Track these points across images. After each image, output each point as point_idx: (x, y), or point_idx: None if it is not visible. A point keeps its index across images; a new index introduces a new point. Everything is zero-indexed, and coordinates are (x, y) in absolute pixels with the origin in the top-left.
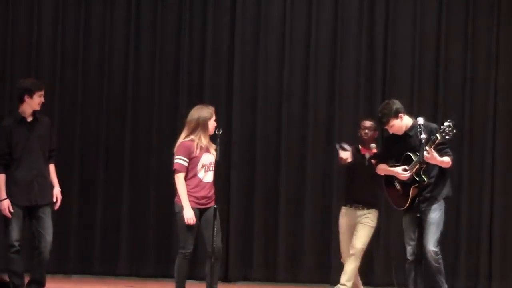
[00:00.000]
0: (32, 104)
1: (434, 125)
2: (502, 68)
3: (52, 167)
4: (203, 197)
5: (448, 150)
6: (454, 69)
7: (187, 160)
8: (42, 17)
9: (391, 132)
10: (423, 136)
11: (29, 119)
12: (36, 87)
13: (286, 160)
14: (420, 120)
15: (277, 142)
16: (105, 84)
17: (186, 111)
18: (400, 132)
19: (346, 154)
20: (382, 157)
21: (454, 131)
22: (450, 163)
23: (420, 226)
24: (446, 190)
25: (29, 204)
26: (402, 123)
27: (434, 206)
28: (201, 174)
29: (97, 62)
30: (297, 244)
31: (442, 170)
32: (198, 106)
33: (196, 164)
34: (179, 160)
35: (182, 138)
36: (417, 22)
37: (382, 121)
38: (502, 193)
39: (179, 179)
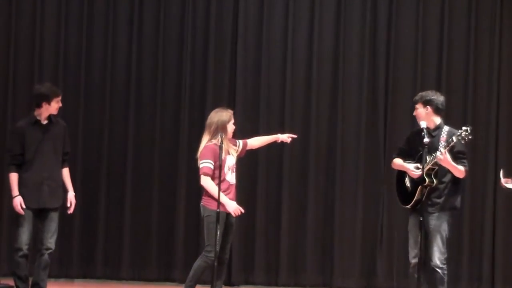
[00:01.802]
0: (50, 109)
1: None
2: (505, 69)
3: (66, 171)
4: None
5: (465, 161)
6: (456, 71)
7: (213, 163)
8: (45, 19)
9: (414, 113)
10: (426, 140)
11: (44, 122)
12: (54, 94)
13: (288, 163)
14: (423, 124)
15: (279, 145)
16: (107, 87)
17: (188, 114)
18: (420, 120)
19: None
20: (401, 152)
21: (470, 137)
22: (464, 173)
23: (424, 230)
24: (456, 201)
25: (37, 206)
26: (424, 115)
27: (439, 214)
28: (228, 177)
29: (99, 62)
30: (299, 248)
31: (455, 179)
32: (217, 109)
33: (223, 167)
34: (207, 164)
35: (205, 142)
36: (419, 25)
37: (414, 100)
38: (504, 197)
39: (208, 181)
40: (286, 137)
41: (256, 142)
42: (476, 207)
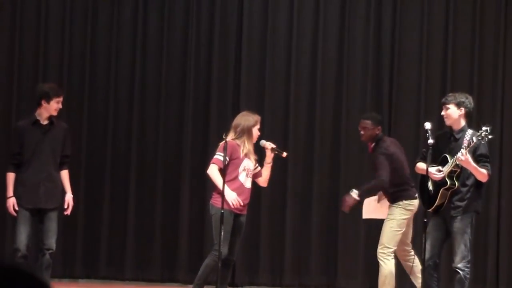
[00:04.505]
0: (49, 109)
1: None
2: (509, 70)
3: (65, 173)
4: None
5: (487, 164)
6: (461, 73)
7: (227, 159)
8: (49, 20)
9: (443, 113)
10: (431, 141)
11: (44, 122)
12: (54, 93)
13: (292, 165)
14: (428, 125)
15: (283, 146)
16: (111, 88)
17: (192, 115)
18: (449, 122)
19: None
20: (424, 157)
21: (490, 136)
22: (487, 177)
23: (445, 234)
24: (478, 205)
25: (33, 206)
26: (457, 116)
27: (462, 217)
28: (242, 178)
29: (104, 62)
30: (304, 248)
31: (478, 183)
32: (244, 113)
33: (238, 166)
34: (219, 156)
35: (229, 139)
36: (424, 26)
37: (446, 99)
38: (509, 197)
39: (212, 169)
40: (266, 145)
41: (263, 177)
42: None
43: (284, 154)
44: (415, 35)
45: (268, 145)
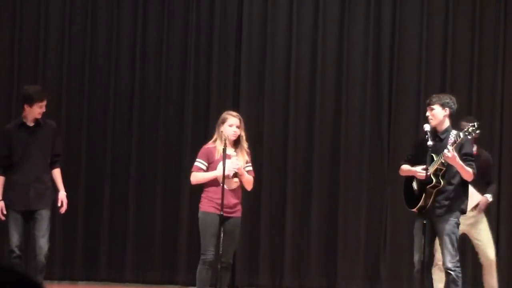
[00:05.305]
0: (33, 112)
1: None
2: (509, 70)
3: (57, 172)
4: (225, 206)
5: (472, 163)
6: (461, 72)
7: (206, 164)
8: (49, 20)
9: (427, 114)
10: (430, 143)
11: (31, 124)
12: (37, 98)
13: (292, 165)
14: (427, 127)
15: (283, 147)
16: (111, 88)
17: (192, 116)
18: (434, 122)
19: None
20: (409, 158)
21: (477, 132)
22: (472, 176)
23: (431, 234)
24: (463, 203)
25: (24, 209)
26: (442, 117)
27: (447, 216)
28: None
29: (103, 62)
30: (303, 249)
31: (463, 182)
32: (225, 112)
33: (214, 169)
34: (197, 163)
35: (208, 143)
36: (424, 25)
37: (430, 100)
38: (509, 197)
39: (194, 175)
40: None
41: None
42: None
43: (235, 179)
44: (415, 35)
45: (233, 159)
